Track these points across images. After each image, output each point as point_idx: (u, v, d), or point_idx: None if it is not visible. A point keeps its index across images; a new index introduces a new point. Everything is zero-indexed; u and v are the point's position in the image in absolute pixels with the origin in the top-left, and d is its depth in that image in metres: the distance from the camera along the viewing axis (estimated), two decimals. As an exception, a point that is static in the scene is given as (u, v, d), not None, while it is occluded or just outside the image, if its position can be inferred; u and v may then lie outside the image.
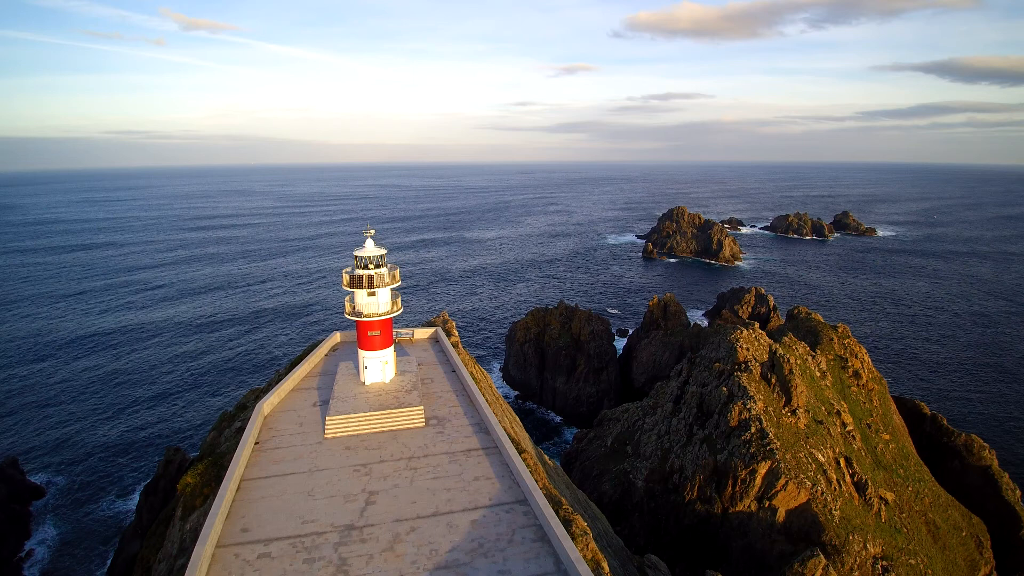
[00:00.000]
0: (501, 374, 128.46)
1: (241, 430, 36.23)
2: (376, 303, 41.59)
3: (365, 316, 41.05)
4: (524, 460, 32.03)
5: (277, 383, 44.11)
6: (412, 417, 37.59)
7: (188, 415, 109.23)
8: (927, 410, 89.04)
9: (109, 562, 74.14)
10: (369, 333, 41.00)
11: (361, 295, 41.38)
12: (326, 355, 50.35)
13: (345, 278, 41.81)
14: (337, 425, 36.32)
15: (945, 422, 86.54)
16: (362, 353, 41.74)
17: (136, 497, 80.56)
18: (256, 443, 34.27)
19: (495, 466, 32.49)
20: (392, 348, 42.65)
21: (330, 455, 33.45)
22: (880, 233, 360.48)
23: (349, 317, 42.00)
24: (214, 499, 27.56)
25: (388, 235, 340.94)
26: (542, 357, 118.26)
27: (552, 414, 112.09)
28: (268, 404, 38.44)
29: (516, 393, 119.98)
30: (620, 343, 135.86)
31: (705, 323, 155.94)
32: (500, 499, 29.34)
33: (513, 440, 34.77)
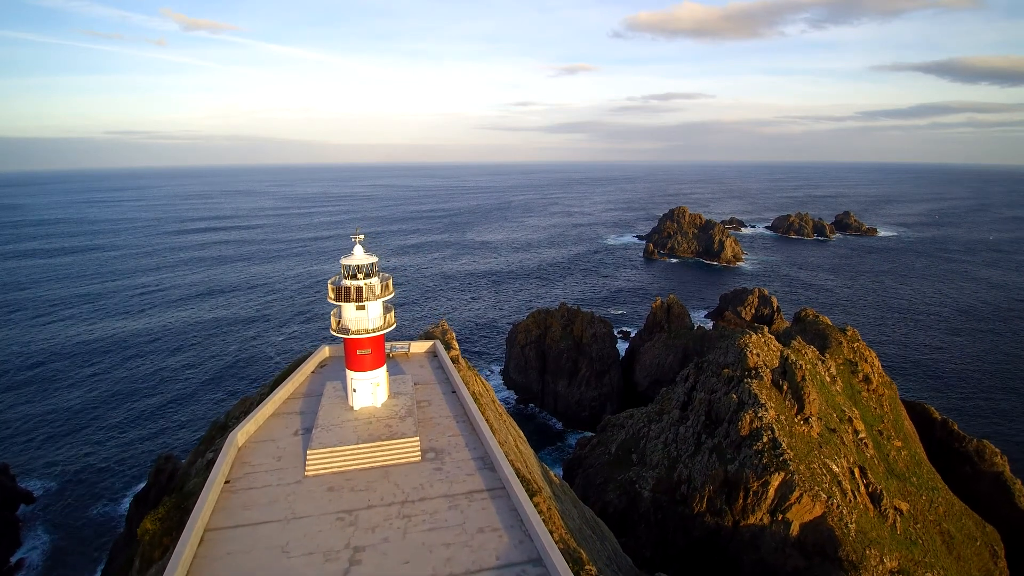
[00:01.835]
0: (501, 377, 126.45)
1: (212, 463, 32.28)
2: (366, 318, 36.79)
3: (353, 333, 36.41)
4: (537, 505, 28.33)
5: (258, 404, 39.93)
6: (406, 450, 33.02)
7: (183, 420, 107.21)
8: (937, 415, 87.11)
9: (100, 570, 72.53)
10: (358, 352, 36.43)
11: (349, 309, 36.71)
12: (313, 372, 45.64)
13: (331, 290, 36.99)
14: (319, 460, 31.81)
15: (956, 427, 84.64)
16: (350, 374, 37.14)
17: (128, 503, 78.65)
18: (227, 482, 29.93)
19: (502, 513, 28.06)
20: (384, 368, 38.22)
21: (310, 498, 29.18)
22: (882, 233, 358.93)
23: (335, 334, 37.18)
24: (173, 554, 23.93)
25: (387, 237, 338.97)
26: (543, 360, 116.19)
27: (553, 419, 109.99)
28: (243, 433, 34.03)
29: (516, 397, 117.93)
30: (622, 345, 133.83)
31: (708, 325, 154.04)
32: (509, 558, 25.07)
33: (524, 478, 31.18)
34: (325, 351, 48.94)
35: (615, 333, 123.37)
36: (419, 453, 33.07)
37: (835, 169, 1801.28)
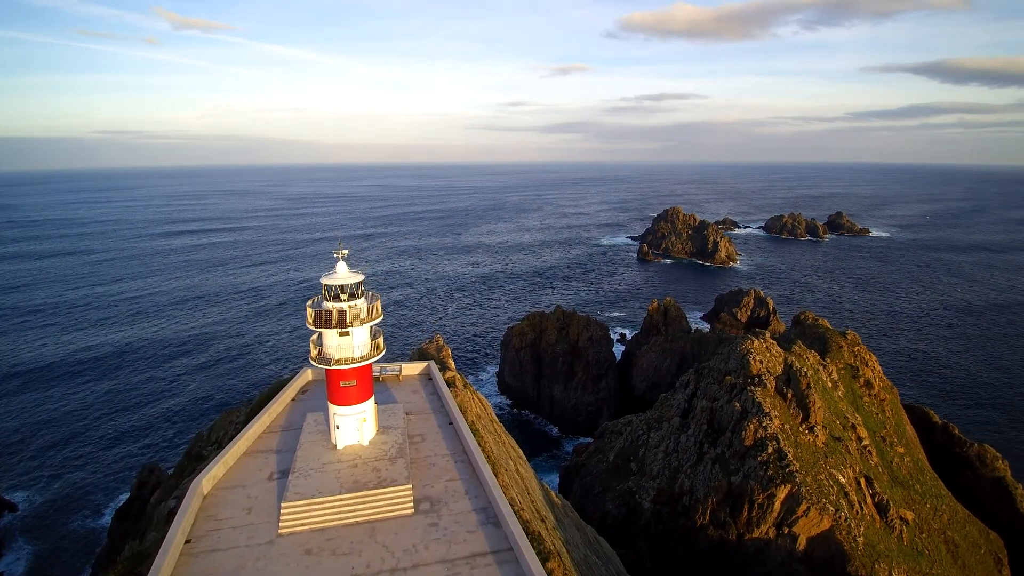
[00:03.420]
0: (496, 379, 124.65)
1: (175, 512, 28.14)
2: (350, 345, 31.95)
3: (336, 363, 31.55)
4: (551, 573, 24.99)
5: (232, 437, 35.79)
6: (397, 501, 28.48)
7: (171, 429, 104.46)
8: (937, 419, 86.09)
9: (85, 580, 70.51)
10: (342, 384, 31.93)
11: (331, 336, 31.85)
12: (293, 400, 40.86)
13: (310, 314, 31.95)
14: (296, 514, 27.33)
15: (957, 431, 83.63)
16: (333, 408, 32.56)
17: (112, 515, 76.36)
18: (187, 541, 25.62)
19: None
20: (372, 400, 33.65)
21: (284, 564, 24.64)
22: (874, 233, 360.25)
23: (316, 364, 32.33)
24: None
25: (380, 239, 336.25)
26: (539, 364, 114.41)
27: (550, 425, 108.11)
28: (209, 479, 29.55)
29: (511, 402, 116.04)
30: (618, 348, 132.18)
31: (704, 326, 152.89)
32: None
33: (534, 535, 27.52)
34: (307, 374, 44.35)
35: (613, 337, 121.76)
36: (412, 504, 28.74)
37: (827, 169, 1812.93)
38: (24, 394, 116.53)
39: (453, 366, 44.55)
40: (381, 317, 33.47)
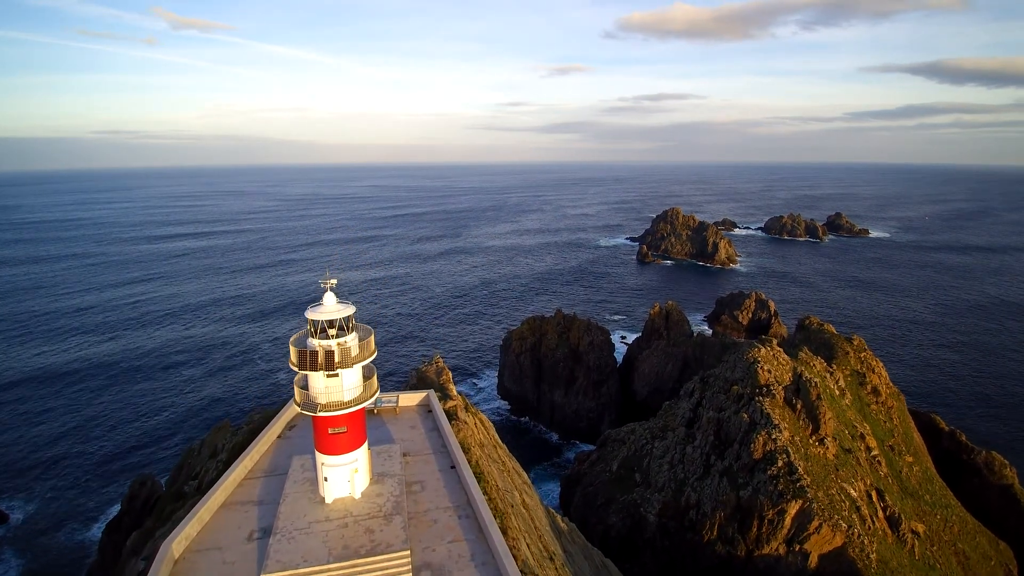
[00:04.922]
0: (496, 381, 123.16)
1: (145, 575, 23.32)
2: (339, 388, 27.79)
3: (323, 409, 27.52)
4: None
5: (217, 476, 32.21)
6: (393, 571, 24.33)
7: (165, 437, 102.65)
8: (944, 425, 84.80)
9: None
10: (331, 431, 28.05)
11: (317, 379, 27.76)
12: (279, 437, 36.73)
13: (293, 353, 27.80)
14: None
15: (964, 438, 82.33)
16: (321, 458, 28.61)
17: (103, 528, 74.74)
18: None
19: None
20: (365, 447, 29.61)
21: None
22: (874, 234, 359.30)
23: (301, 410, 28.25)
24: None
25: (378, 241, 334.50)
26: (539, 368, 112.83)
27: (550, 433, 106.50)
28: (181, 539, 25.78)
29: (510, 407, 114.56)
30: (619, 351, 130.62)
31: (704, 328, 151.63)
32: None
33: None
34: (295, 407, 39.71)
35: (614, 340, 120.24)
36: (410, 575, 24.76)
37: (826, 170, 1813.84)
38: (17, 401, 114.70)
39: (455, 392, 41.23)
40: (375, 354, 29.29)
